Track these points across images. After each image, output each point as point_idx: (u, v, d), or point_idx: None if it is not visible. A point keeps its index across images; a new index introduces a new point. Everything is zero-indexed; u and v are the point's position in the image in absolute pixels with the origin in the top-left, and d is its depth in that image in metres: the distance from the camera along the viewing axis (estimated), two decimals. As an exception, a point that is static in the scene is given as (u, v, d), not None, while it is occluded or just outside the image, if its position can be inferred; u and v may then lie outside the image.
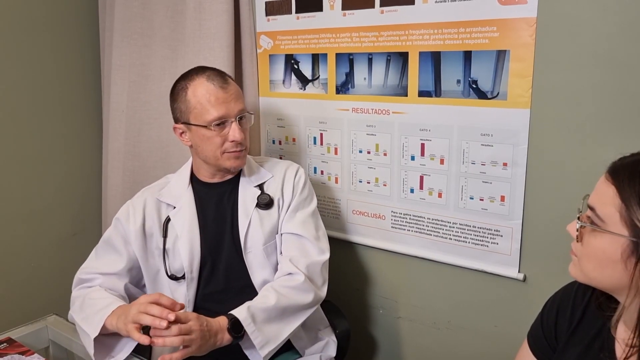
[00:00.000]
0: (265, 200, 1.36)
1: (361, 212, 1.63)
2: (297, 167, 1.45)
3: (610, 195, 0.78)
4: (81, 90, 2.00)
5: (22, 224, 1.89)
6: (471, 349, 1.50)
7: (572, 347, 0.91)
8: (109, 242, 1.36)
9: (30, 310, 1.69)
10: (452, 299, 1.51)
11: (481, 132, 1.36)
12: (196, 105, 1.29)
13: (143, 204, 1.38)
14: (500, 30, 1.28)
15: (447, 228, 1.47)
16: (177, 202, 1.38)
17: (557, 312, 0.96)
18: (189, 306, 1.35)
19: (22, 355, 1.13)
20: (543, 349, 0.99)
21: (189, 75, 1.34)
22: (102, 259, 1.36)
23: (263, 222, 1.36)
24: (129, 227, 1.34)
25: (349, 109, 1.57)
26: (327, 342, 1.43)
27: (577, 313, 0.92)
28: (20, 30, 1.80)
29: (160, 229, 1.36)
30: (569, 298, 0.94)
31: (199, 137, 1.31)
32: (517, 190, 1.33)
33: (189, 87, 1.31)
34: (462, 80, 1.36)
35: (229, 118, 1.30)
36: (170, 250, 1.35)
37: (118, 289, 1.32)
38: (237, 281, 1.36)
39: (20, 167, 1.87)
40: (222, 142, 1.30)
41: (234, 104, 1.30)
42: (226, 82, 1.32)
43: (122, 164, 1.88)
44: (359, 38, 1.50)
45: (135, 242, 1.34)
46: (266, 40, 1.71)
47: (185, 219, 1.36)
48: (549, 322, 0.97)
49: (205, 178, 1.40)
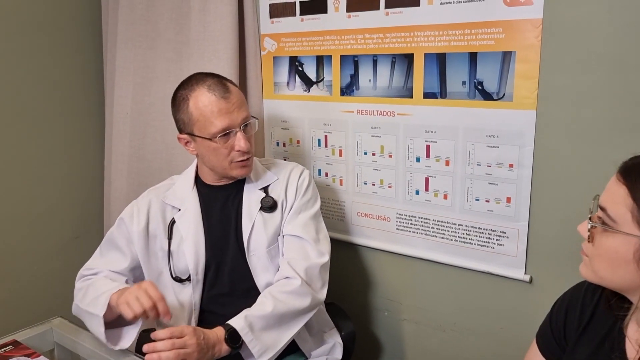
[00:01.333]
0: (269, 203, 1.36)
1: (366, 214, 1.62)
2: (302, 169, 1.44)
3: (622, 195, 0.78)
4: (83, 93, 2.00)
5: (24, 227, 1.89)
6: (477, 351, 1.50)
7: (582, 347, 0.91)
8: (113, 241, 1.37)
9: (34, 313, 1.68)
10: (458, 301, 1.51)
11: (487, 134, 1.35)
12: (199, 117, 1.27)
13: (148, 205, 1.38)
14: (505, 31, 1.28)
15: (452, 230, 1.46)
16: (182, 204, 1.38)
17: (566, 312, 0.95)
18: (195, 308, 1.34)
19: (27, 357, 1.13)
20: (552, 349, 0.98)
21: (189, 85, 1.31)
22: (106, 257, 1.37)
23: (267, 225, 1.35)
24: (132, 228, 1.34)
25: (354, 111, 1.57)
26: (333, 345, 1.43)
27: (587, 313, 0.91)
28: (23, 33, 1.80)
29: (164, 230, 1.36)
30: (578, 298, 0.94)
31: (205, 149, 1.30)
32: (523, 192, 1.33)
33: (190, 99, 1.28)
34: (467, 81, 1.36)
35: (234, 128, 1.27)
36: (174, 252, 1.35)
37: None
38: (242, 284, 1.35)
39: (23, 170, 1.87)
40: (228, 152, 1.29)
41: (237, 113, 1.28)
42: (228, 91, 1.28)
43: (126, 167, 1.88)
44: (364, 40, 1.50)
45: (138, 242, 1.34)
46: (270, 42, 1.71)
47: (190, 222, 1.36)
48: (557, 322, 0.97)
49: (210, 181, 1.40)
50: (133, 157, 1.86)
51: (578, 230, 0.86)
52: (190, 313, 1.34)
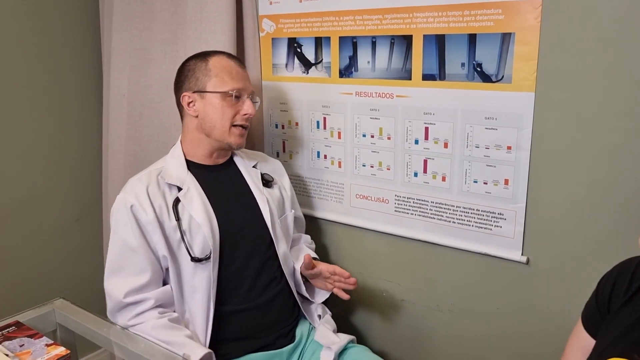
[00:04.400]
0: (270, 179, 1.51)
1: (364, 196, 1.63)
2: (279, 162, 1.63)
3: None
4: (81, 75, 1.99)
5: (26, 209, 1.89)
6: (474, 331, 1.52)
7: (622, 318, 0.89)
8: (131, 248, 1.29)
9: (37, 295, 1.70)
10: (455, 282, 1.52)
11: (485, 116, 1.36)
12: (218, 73, 1.35)
13: (146, 193, 1.31)
14: (505, 12, 1.27)
15: (450, 211, 1.47)
16: (182, 183, 1.35)
17: (614, 283, 0.94)
18: (213, 286, 1.31)
19: (30, 338, 1.14)
20: (595, 323, 0.97)
21: (203, 53, 1.41)
22: (131, 269, 1.30)
23: (271, 198, 1.47)
24: (142, 218, 1.29)
25: (353, 93, 1.57)
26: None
27: (634, 285, 0.90)
28: (20, 14, 1.78)
29: (168, 213, 1.32)
30: (628, 270, 0.93)
31: (212, 106, 1.35)
32: (521, 174, 1.33)
33: (209, 60, 1.37)
34: (466, 63, 1.35)
35: (246, 93, 1.39)
36: (186, 232, 1.31)
37: (170, 294, 1.32)
38: (261, 255, 1.40)
39: (22, 154, 1.86)
40: (233, 114, 1.36)
41: (248, 84, 1.41)
42: (242, 65, 1.43)
43: (123, 149, 1.88)
44: (363, 21, 1.49)
45: (154, 233, 1.29)
46: (269, 23, 1.69)
47: (196, 199, 1.33)
48: (604, 293, 0.96)
49: (202, 159, 1.41)
50: (130, 140, 1.86)
51: None
52: (208, 291, 1.31)
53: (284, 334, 1.42)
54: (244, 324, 1.36)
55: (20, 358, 1.06)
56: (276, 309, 1.41)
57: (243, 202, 1.42)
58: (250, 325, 1.37)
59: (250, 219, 1.41)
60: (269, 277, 1.40)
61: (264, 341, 1.38)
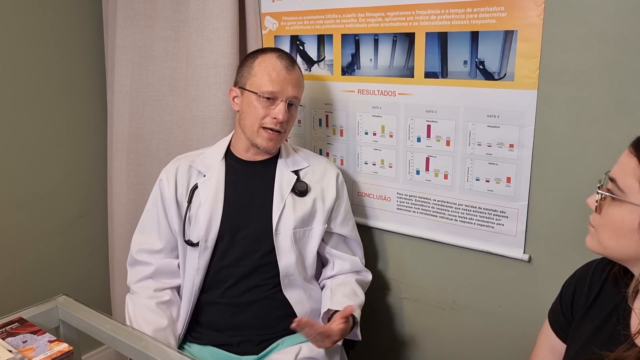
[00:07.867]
0: (302, 188, 1.42)
1: (367, 194, 1.63)
2: (338, 171, 1.50)
3: (632, 166, 0.81)
4: (85, 72, 2.00)
5: (30, 206, 1.90)
6: (475, 329, 1.52)
7: (588, 322, 0.93)
8: (155, 215, 1.44)
9: (40, 291, 1.71)
10: (457, 280, 1.52)
11: (487, 114, 1.35)
12: (257, 73, 1.37)
13: (175, 171, 1.43)
14: (507, 10, 1.27)
15: (452, 209, 1.47)
16: (208, 171, 1.42)
17: (575, 289, 0.98)
18: (199, 274, 1.38)
19: (33, 334, 1.14)
20: (561, 325, 1.01)
21: (263, 50, 1.44)
22: (150, 233, 1.45)
23: (296, 207, 1.40)
24: (165, 193, 1.42)
25: (355, 91, 1.57)
26: None
27: (595, 289, 0.94)
28: (24, 12, 1.78)
29: (186, 195, 1.41)
30: (586, 275, 0.97)
31: (247, 103, 1.38)
32: (523, 172, 1.33)
33: (258, 57, 1.39)
34: (468, 61, 1.35)
35: (280, 97, 1.36)
36: (193, 216, 1.39)
37: (172, 269, 1.43)
38: (255, 260, 1.38)
39: (27, 150, 1.87)
40: (264, 115, 1.36)
41: (290, 88, 1.37)
42: (292, 67, 1.39)
43: (126, 146, 1.88)
44: (365, 18, 1.49)
45: (169, 209, 1.41)
46: (271, 21, 1.69)
47: (211, 189, 1.40)
48: (566, 298, 0.99)
49: (240, 153, 1.44)
50: (132, 137, 1.87)
51: (587, 203, 0.89)
52: (193, 277, 1.38)
53: (253, 341, 1.38)
54: (216, 316, 1.40)
55: (23, 354, 1.07)
56: (251, 314, 1.38)
57: (258, 203, 1.40)
58: (221, 320, 1.39)
59: (256, 222, 1.39)
60: (256, 282, 1.38)
61: (228, 340, 1.38)
